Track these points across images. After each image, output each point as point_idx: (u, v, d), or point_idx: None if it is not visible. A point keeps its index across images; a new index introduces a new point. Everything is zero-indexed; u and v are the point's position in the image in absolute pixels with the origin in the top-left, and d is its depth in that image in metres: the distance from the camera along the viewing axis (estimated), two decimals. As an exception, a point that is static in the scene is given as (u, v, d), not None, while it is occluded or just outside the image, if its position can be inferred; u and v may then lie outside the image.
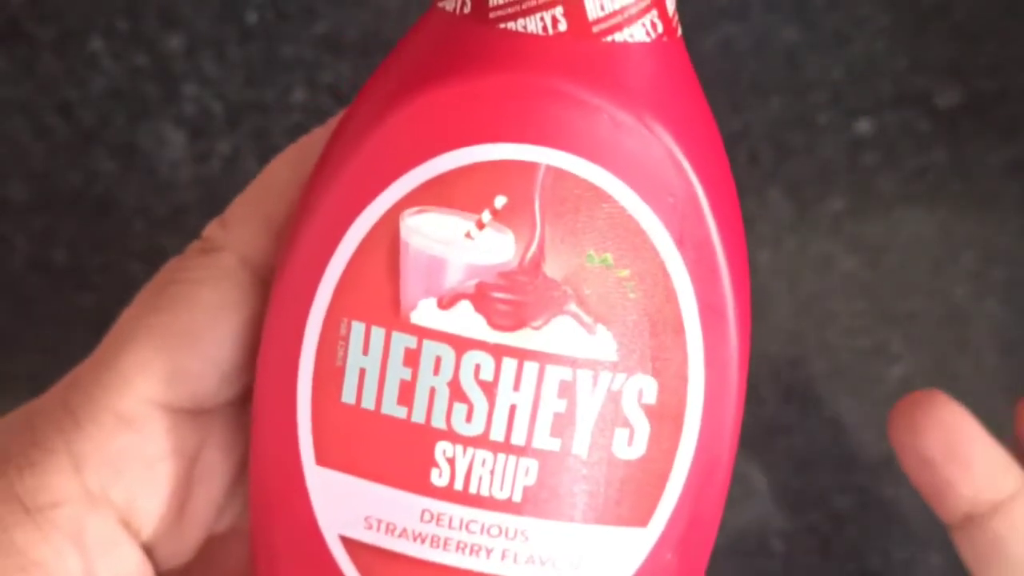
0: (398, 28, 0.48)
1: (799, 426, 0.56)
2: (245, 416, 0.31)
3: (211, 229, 0.31)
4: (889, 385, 0.56)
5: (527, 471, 0.27)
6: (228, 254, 0.30)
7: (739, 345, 0.28)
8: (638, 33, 0.26)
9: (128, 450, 0.29)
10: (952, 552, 0.46)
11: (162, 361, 0.29)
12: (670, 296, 0.27)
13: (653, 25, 0.27)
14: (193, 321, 0.29)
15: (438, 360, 0.27)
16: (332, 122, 0.30)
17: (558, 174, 0.26)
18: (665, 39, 0.27)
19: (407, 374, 0.27)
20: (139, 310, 0.30)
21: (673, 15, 0.27)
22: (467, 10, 0.27)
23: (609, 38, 0.26)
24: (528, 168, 0.26)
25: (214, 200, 0.30)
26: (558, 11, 0.26)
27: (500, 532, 0.27)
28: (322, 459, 0.27)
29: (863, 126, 0.52)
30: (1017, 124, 0.52)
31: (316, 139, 0.30)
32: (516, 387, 0.27)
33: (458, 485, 0.27)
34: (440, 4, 0.27)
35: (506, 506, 0.27)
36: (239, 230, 0.30)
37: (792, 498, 0.58)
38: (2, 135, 0.52)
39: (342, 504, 0.27)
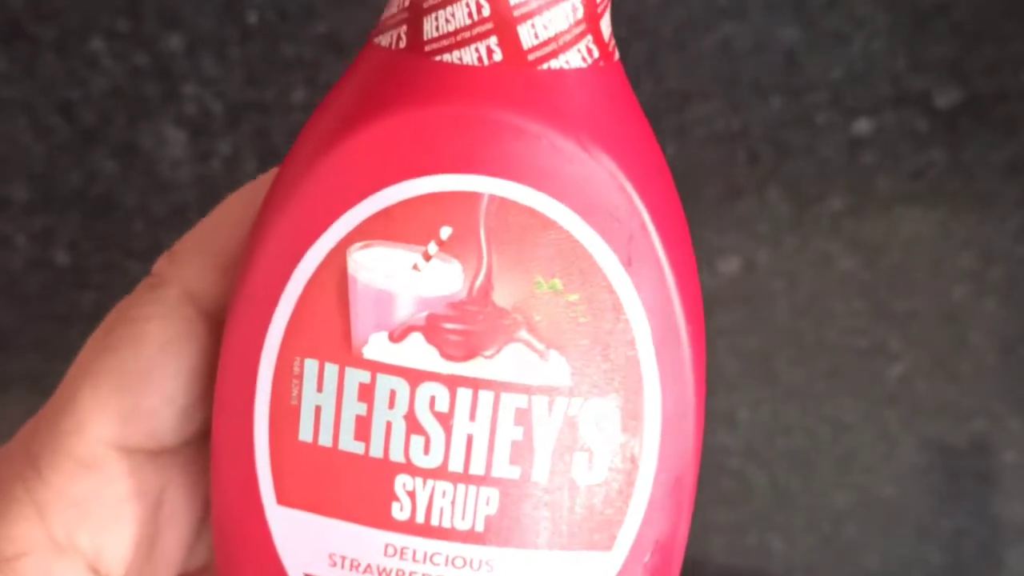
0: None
1: (799, 426, 0.56)
2: (208, 455, 0.30)
3: (159, 264, 0.30)
4: (888, 384, 0.56)
5: (488, 500, 0.27)
6: (173, 288, 0.30)
7: (694, 363, 0.28)
8: (574, 59, 0.26)
9: (91, 494, 0.29)
10: (952, 552, 0.46)
11: (116, 402, 0.29)
12: (621, 318, 0.27)
13: (589, 51, 0.27)
14: (143, 359, 0.29)
15: (393, 393, 0.27)
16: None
17: (501, 203, 0.26)
18: (602, 63, 0.27)
19: (362, 409, 0.27)
20: (90, 353, 0.30)
21: (609, 40, 0.27)
22: (403, 44, 0.27)
23: (545, 66, 0.26)
24: (471, 198, 0.26)
25: (214, 199, 0.30)
26: (492, 41, 0.26)
27: (464, 563, 0.27)
28: (283, 498, 0.27)
29: (862, 126, 0.52)
30: (1016, 124, 0.52)
31: (269, 178, 0.30)
32: (472, 417, 0.26)
33: (419, 518, 0.27)
34: (376, 39, 0.27)
35: (469, 536, 0.27)
36: (186, 265, 0.30)
37: (792, 498, 0.58)
38: (3, 135, 0.52)
39: (305, 542, 0.27)
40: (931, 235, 0.54)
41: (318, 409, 0.27)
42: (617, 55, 0.28)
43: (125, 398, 0.29)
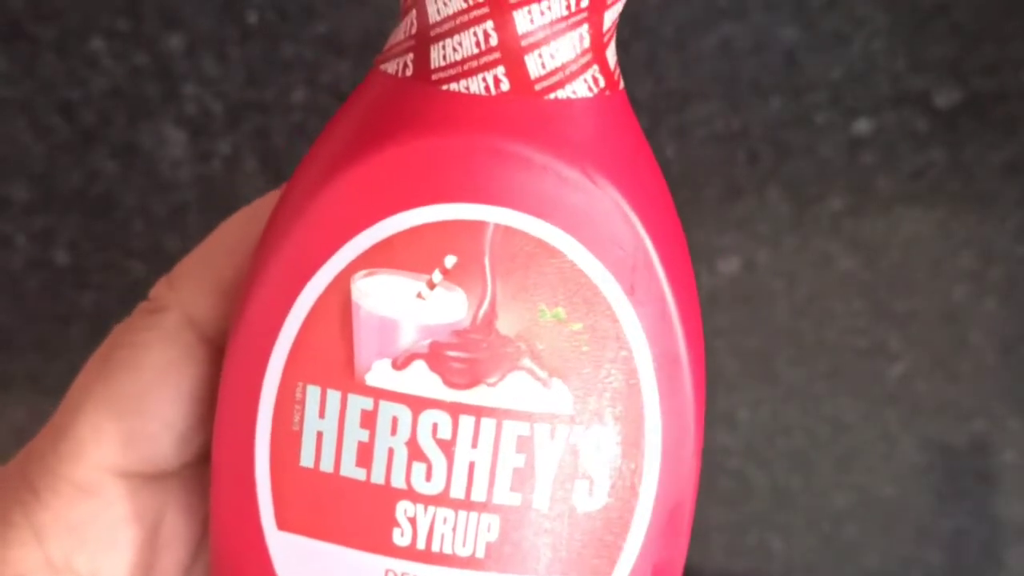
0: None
1: (799, 426, 0.56)
2: (206, 477, 0.31)
3: (157, 289, 0.30)
4: (888, 384, 0.56)
5: (489, 527, 0.27)
6: (173, 314, 0.29)
7: (694, 392, 0.28)
8: (580, 89, 0.26)
9: (89, 518, 0.29)
10: (952, 552, 0.46)
11: (115, 426, 0.29)
12: (624, 347, 0.27)
13: (595, 80, 0.27)
14: (141, 384, 0.29)
15: (395, 420, 0.27)
16: (284, 186, 0.30)
17: (507, 232, 0.26)
18: (607, 93, 0.27)
19: (364, 436, 0.27)
20: (88, 377, 0.30)
21: (615, 69, 0.27)
22: (409, 72, 0.27)
23: (552, 95, 0.26)
24: (477, 227, 0.26)
25: (214, 199, 0.30)
26: (500, 71, 0.26)
27: None
28: (283, 523, 0.27)
29: (862, 126, 0.52)
30: (1015, 124, 0.52)
31: (268, 201, 0.30)
32: (474, 444, 0.27)
33: (420, 544, 0.27)
34: (382, 67, 0.27)
35: (469, 563, 0.27)
36: (185, 289, 0.30)
37: (792, 498, 0.58)
38: (3, 135, 0.52)
39: (305, 568, 0.27)
40: (931, 235, 0.54)
41: (320, 435, 0.27)
42: (622, 84, 0.28)
43: (123, 423, 0.29)
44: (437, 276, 0.26)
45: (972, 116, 0.52)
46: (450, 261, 0.26)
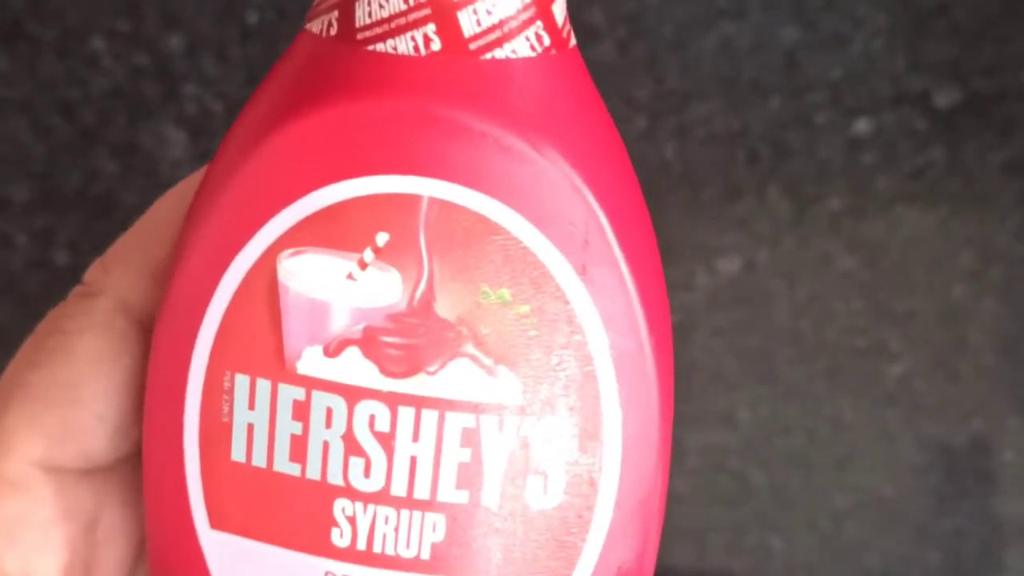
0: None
1: (799, 425, 0.56)
2: None
3: (91, 272, 0.29)
4: (888, 384, 0.56)
5: (434, 527, 0.25)
6: (106, 299, 0.28)
7: (659, 379, 0.25)
8: (521, 48, 0.24)
9: (18, 516, 0.27)
10: (952, 552, 0.46)
11: (44, 419, 0.27)
12: (576, 331, 0.24)
13: (538, 38, 0.24)
14: (72, 374, 0.27)
15: (329, 412, 0.25)
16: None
17: (443, 206, 0.24)
18: (554, 52, 0.25)
19: (298, 428, 0.25)
20: (19, 367, 0.28)
21: (564, 25, 0.25)
22: (334, 32, 0.25)
23: (488, 55, 0.24)
24: (410, 201, 0.24)
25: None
26: (430, 29, 0.24)
27: None
28: (216, 522, 0.26)
29: (861, 126, 0.52)
30: (1015, 124, 0.52)
31: (202, 176, 0.28)
32: (415, 437, 0.25)
33: (361, 545, 0.25)
34: (308, 26, 0.25)
35: (414, 565, 0.25)
36: (118, 273, 0.28)
37: (792, 498, 0.58)
38: (3, 135, 0.52)
39: (241, 569, 0.26)
40: (931, 235, 0.54)
41: (250, 427, 0.25)
42: (574, 41, 0.26)
43: (53, 416, 0.27)
44: (368, 255, 0.24)
45: (972, 116, 0.52)
46: (382, 239, 0.24)
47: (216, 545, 0.26)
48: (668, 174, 0.52)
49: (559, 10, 0.25)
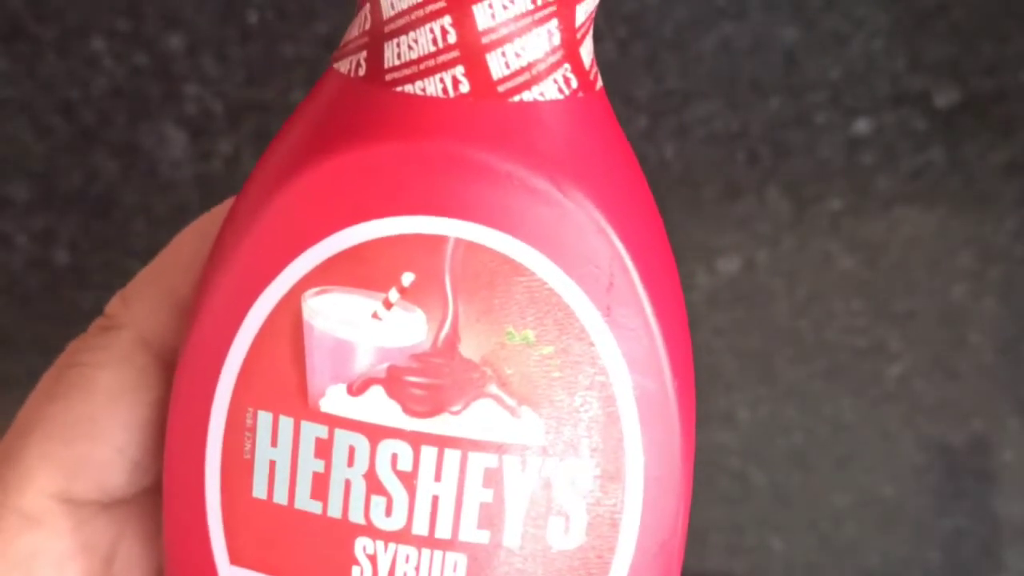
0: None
1: (799, 425, 0.56)
2: None
3: (112, 305, 0.29)
4: (887, 383, 0.56)
5: (455, 566, 0.25)
6: (127, 333, 0.28)
7: (681, 420, 0.25)
8: (549, 91, 0.24)
9: (36, 549, 0.27)
10: (952, 552, 0.46)
11: (63, 453, 0.27)
12: (600, 373, 0.25)
13: (566, 81, 0.25)
14: (92, 408, 0.27)
15: (352, 450, 0.25)
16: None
17: (469, 247, 0.24)
18: (581, 94, 0.25)
19: (320, 466, 0.25)
20: (39, 399, 0.28)
21: (590, 68, 0.25)
22: (362, 72, 0.25)
23: (517, 97, 0.24)
24: (436, 241, 0.24)
25: (215, 199, 0.30)
26: (459, 71, 0.24)
27: None
28: (236, 558, 0.26)
29: (861, 126, 0.52)
30: (1015, 123, 0.52)
31: (224, 210, 0.28)
32: (437, 477, 0.25)
33: None
34: (336, 65, 0.25)
35: None
36: (139, 307, 0.28)
37: (792, 498, 0.58)
38: (3, 135, 0.52)
39: None
40: (931, 235, 0.54)
41: (272, 464, 0.25)
42: (600, 84, 0.26)
43: (74, 449, 0.27)
44: (394, 295, 0.24)
45: (971, 116, 0.52)
46: (407, 279, 0.24)
47: None
48: (668, 174, 0.52)
49: (587, 53, 0.25)
